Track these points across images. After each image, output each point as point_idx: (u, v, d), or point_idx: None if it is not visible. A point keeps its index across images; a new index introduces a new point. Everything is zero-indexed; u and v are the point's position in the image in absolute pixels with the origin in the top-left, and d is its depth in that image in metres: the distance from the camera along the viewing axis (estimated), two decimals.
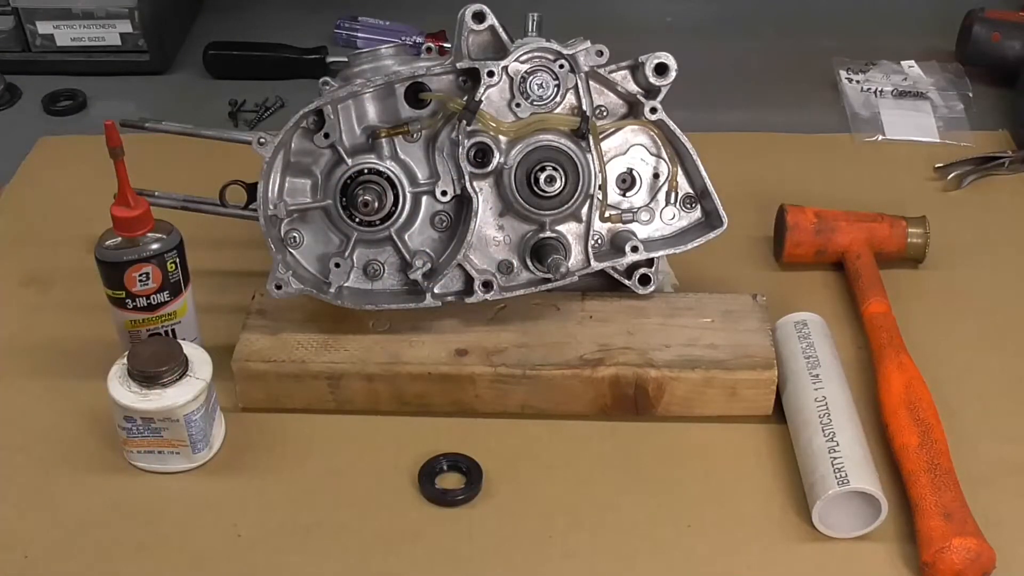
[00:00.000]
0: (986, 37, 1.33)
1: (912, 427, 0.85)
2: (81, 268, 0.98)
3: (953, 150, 1.22)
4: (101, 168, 0.93)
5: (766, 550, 0.82)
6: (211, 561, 0.82)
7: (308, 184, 0.93)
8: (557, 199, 0.91)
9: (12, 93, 1.36)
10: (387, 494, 0.87)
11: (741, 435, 0.91)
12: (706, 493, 0.86)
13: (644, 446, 0.90)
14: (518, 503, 0.86)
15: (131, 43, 1.38)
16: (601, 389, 0.90)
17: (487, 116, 0.89)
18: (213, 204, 0.97)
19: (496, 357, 0.91)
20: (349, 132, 0.92)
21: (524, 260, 0.93)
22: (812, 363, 0.90)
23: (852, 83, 1.34)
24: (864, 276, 1.01)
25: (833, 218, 1.05)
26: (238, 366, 0.91)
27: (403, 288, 0.94)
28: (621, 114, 0.93)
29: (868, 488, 0.80)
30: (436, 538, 0.84)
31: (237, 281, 1.02)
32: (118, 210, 0.90)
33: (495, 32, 0.89)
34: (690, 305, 0.95)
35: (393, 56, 0.93)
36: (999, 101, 1.31)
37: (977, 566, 0.78)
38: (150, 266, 0.91)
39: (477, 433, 0.91)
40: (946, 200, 1.16)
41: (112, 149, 0.88)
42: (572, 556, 0.82)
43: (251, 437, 0.91)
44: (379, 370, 0.91)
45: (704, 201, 0.95)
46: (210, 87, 1.38)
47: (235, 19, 1.50)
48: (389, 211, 0.91)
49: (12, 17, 1.36)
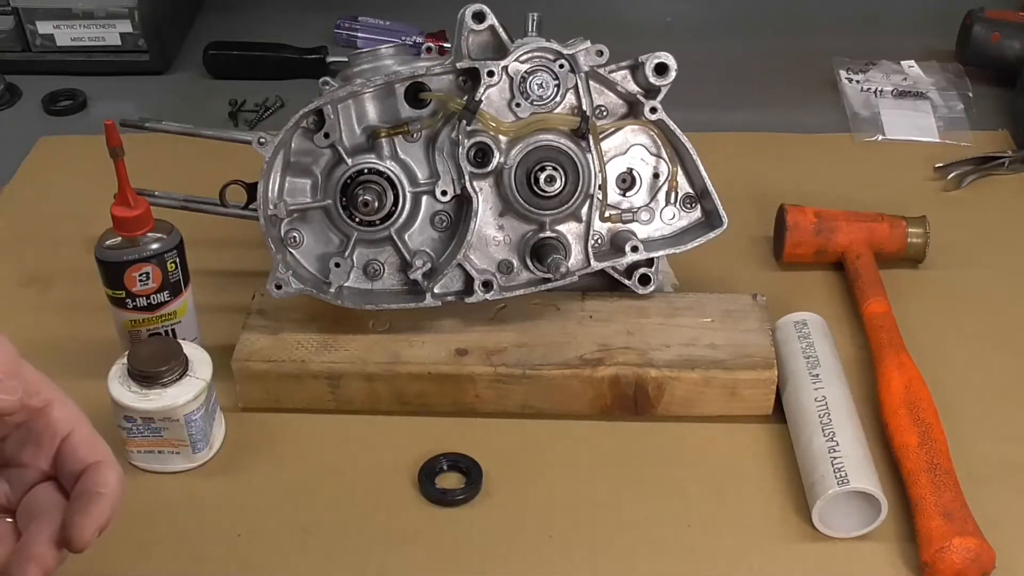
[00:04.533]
0: (986, 37, 1.33)
1: (912, 427, 0.85)
2: (81, 268, 0.98)
3: (953, 150, 1.22)
4: (101, 168, 0.93)
5: (766, 550, 0.82)
6: (211, 561, 0.82)
7: (308, 184, 0.93)
8: (557, 199, 0.91)
9: (12, 93, 1.36)
10: (387, 494, 0.87)
11: (741, 435, 0.91)
12: (706, 493, 0.86)
13: (644, 446, 0.90)
14: (518, 503, 0.86)
15: (131, 43, 1.38)
16: (601, 389, 0.90)
17: (487, 116, 0.89)
18: (213, 204, 0.97)
19: (496, 357, 0.91)
20: (349, 132, 0.92)
21: (524, 260, 0.93)
22: (812, 363, 0.90)
23: (852, 83, 1.34)
24: (864, 276, 1.01)
25: (833, 218, 1.05)
26: (238, 366, 0.91)
27: (403, 288, 0.94)
28: (621, 114, 0.93)
29: (868, 488, 0.80)
30: (436, 538, 0.83)
31: (237, 281, 1.02)
32: (118, 210, 0.90)
33: (495, 32, 0.89)
34: (690, 305, 0.95)
35: (393, 56, 0.93)
36: (999, 101, 1.31)
37: (977, 566, 0.78)
38: (150, 266, 0.91)
39: (477, 433, 0.91)
40: (946, 200, 1.16)
41: (112, 149, 0.88)
42: (572, 556, 0.82)
43: (251, 437, 0.91)
44: (379, 370, 0.91)
45: (704, 201, 0.95)
46: (210, 87, 1.38)
47: (235, 19, 1.50)
48: (389, 211, 0.91)
49: (12, 17, 1.36)
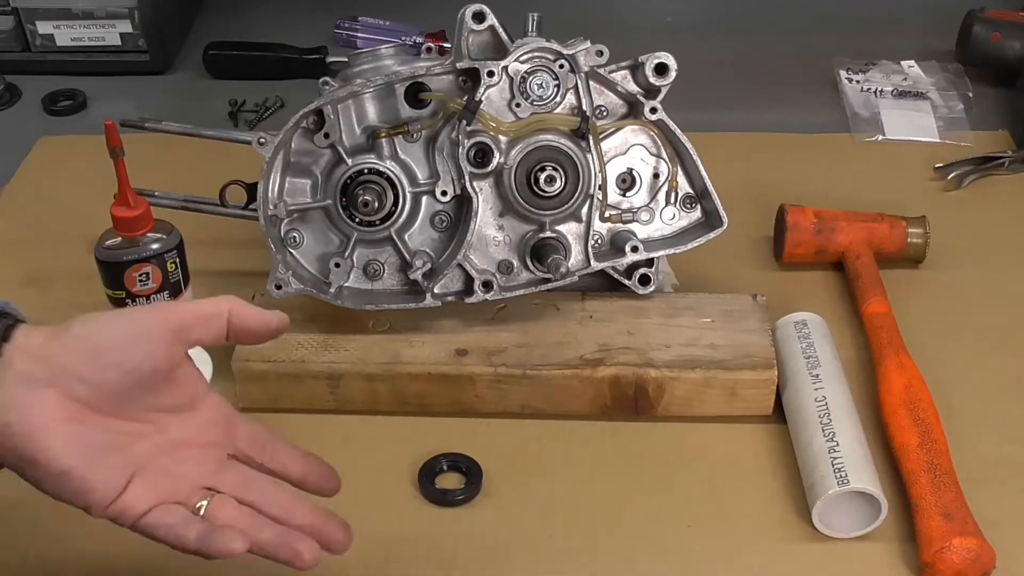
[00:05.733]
0: (986, 37, 1.33)
1: (912, 427, 0.85)
2: (81, 268, 0.98)
3: (953, 150, 1.22)
4: (101, 168, 0.93)
5: (766, 550, 0.82)
6: (211, 561, 0.82)
7: (308, 184, 0.93)
8: (557, 199, 0.91)
9: (12, 93, 1.36)
10: (387, 494, 0.87)
11: (741, 435, 0.91)
12: (706, 493, 0.86)
13: (644, 446, 0.90)
14: (518, 503, 0.86)
15: (131, 43, 1.38)
16: (601, 389, 0.90)
17: (487, 116, 0.89)
18: (213, 204, 0.97)
19: (496, 357, 0.91)
20: (349, 132, 0.92)
21: (524, 260, 0.93)
22: (812, 363, 0.90)
23: (852, 83, 1.34)
24: (864, 276, 1.01)
25: (833, 218, 1.05)
26: (238, 366, 0.91)
27: (403, 288, 0.94)
28: (621, 114, 0.93)
29: (868, 488, 0.80)
30: (436, 538, 0.83)
31: (237, 281, 1.02)
32: (118, 210, 0.90)
33: (495, 32, 0.89)
34: (690, 305, 0.95)
35: (393, 56, 0.93)
36: (999, 101, 1.31)
37: (977, 566, 0.78)
38: (150, 266, 0.91)
39: (477, 433, 0.91)
40: (946, 200, 1.16)
41: (112, 149, 0.88)
42: (572, 556, 0.82)
43: None
44: (379, 370, 0.91)
45: (704, 201, 0.95)
46: (210, 87, 1.38)
47: (235, 19, 1.50)
48: (389, 211, 0.91)
49: (12, 17, 1.36)
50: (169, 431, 0.69)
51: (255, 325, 0.69)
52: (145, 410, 0.67)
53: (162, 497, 0.67)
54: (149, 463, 0.67)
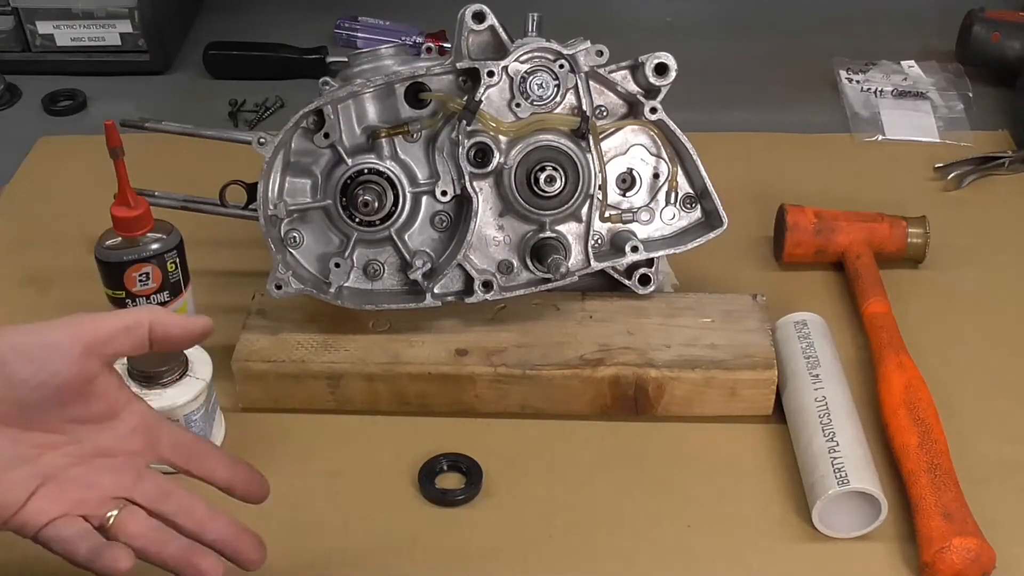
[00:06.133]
0: (986, 37, 1.33)
1: (912, 427, 0.85)
2: (81, 268, 0.98)
3: (953, 150, 1.22)
4: (101, 168, 0.93)
5: (766, 550, 0.82)
6: None
7: (308, 184, 0.93)
8: (557, 199, 0.91)
9: (12, 93, 1.36)
10: (387, 494, 0.87)
11: (741, 435, 0.91)
12: (706, 493, 0.86)
13: (644, 446, 0.90)
14: (518, 503, 0.86)
15: (131, 43, 1.38)
16: (601, 389, 0.90)
17: (487, 116, 0.89)
18: (213, 204, 0.96)
19: (496, 357, 0.91)
20: (349, 132, 0.92)
21: (524, 260, 0.93)
22: (812, 363, 0.90)
23: (852, 83, 1.34)
24: (864, 276, 1.01)
25: (833, 218, 1.05)
26: (238, 366, 0.91)
27: (403, 288, 0.94)
28: (621, 114, 0.93)
29: (868, 488, 0.80)
30: (436, 538, 0.83)
31: (237, 281, 1.02)
32: (118, 210, 0.90)
33: (495, 32, 0.89)
34: (690, 305, 0.95)
35: (393, 56, 0.93)
36: (999, 101, 1.31)
37: (977, 566, 0.78)
38: (150, 266, 0.91)
39: (477, 433, 0.91)
40: (946, 200, 1.16)
41: (112, 149, 0.88)
42: (572, 556, 0.82)
43: (251, 437, 0.91)
44: (379, 370, 0.91)
45: (704, 201, 0.95)
46: (210, 87, 1.38)
47: (235, 19, 1.50)
48: (389, 211, 0.91)
49: (12, 17, 1.36)
50: (85, 441, 0.68)
51: (178, 332, 0.70)
52: (59, 421, 0.67)
53: (69, 508, 0.66)
54: (59, 474, 0.67)
